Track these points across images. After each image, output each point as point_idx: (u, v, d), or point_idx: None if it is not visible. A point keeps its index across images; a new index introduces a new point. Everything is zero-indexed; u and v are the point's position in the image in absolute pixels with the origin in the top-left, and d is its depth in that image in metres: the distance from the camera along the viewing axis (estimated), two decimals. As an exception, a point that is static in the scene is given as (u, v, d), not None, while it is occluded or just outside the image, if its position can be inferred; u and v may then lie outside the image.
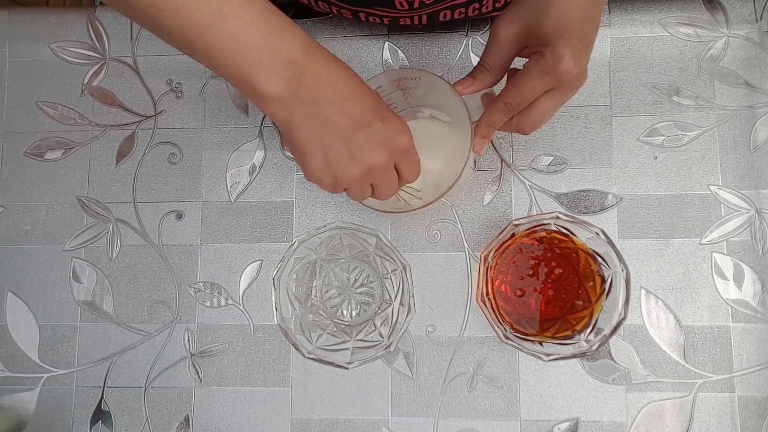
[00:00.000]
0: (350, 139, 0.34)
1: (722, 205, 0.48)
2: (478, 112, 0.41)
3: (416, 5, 0.45)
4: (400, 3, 0.44)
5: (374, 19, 0.49)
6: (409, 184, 0.42)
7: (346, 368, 0.41)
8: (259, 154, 0.52)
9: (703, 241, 0.48)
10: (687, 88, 0.49)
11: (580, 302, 0.44)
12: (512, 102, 0.37)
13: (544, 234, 0.44)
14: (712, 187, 0.48)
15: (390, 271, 0.47)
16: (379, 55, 0.52)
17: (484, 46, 0.50)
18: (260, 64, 0.32)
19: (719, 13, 0.49)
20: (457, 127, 0.45)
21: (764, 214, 0.47)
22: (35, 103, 0.54)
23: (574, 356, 0.39)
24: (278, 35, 0.32)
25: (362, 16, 0.48)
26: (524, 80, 0.35)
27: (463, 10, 0.48)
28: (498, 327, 0.40)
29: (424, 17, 0.48)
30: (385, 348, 0.41)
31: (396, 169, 0.38)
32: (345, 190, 0.38)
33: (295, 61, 0.32)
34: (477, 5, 0.47)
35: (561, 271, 0.44)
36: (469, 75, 0.40)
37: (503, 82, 0.40)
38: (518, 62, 0.38)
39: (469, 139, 0.40)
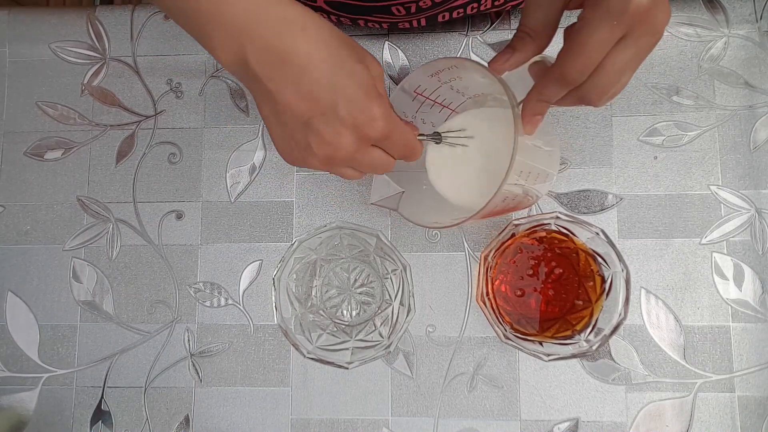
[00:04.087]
0: (308, 127, 0.29)
1: (722, 205, 0.48)
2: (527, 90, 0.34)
3: (413, 10, 0.45)
4: (397, 9, 0.44)
5: (373, 25, 0.49)
6: (448, 130, 0.38)
7: (346, 368, 0.41)
8: (259, 154, 0.52)
9: (703, 241, 0.48)
10: (687, 88, 0.49)
11: (580, 302, 0.44)
12: (572, 69, 0.28)
13: (544, 234, 0.44)
14: (712, 187, 0.48)
15: (390, 271, 0.47)
16: (379, 55, 0.52)
17: (484, 46, 0.51)
18: (210, 34, 0.28)
19: (719, 13, 0.49)
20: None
21: (764, 214, 0.47)
22: (35, 103, 0.54)
23: (574, 356, 0.39)
24: (219, 2, 0.27)
25: (361, 22, 0.49)
26: (584, 34, 0.27)
27: (461, 11, 0.48)
28: (498, 327, 0.40)
29: (423, 20, 0.48)
30: (385, 348, 0.41)
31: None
32: None
33: (240, 33, 0.28)
34: (475, 5, 0.47)
35: (561, 271, 0.44)
36: (508, 46, 0.32)
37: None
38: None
39: (512, 122, 0.33)
